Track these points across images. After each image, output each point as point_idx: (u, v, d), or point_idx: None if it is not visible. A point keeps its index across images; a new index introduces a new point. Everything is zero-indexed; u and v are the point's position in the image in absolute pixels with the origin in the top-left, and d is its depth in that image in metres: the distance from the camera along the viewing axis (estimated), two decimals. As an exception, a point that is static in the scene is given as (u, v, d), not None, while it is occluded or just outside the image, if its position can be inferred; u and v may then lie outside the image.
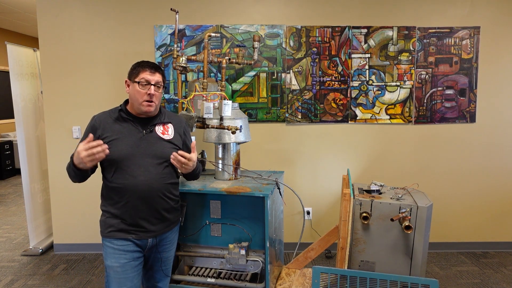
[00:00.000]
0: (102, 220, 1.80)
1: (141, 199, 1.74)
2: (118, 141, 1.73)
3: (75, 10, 3.34)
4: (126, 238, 1.76)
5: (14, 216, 4.79)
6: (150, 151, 1.77)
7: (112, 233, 1.76)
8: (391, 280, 1.92)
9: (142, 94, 1.73)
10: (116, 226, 1.75)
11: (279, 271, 2.75)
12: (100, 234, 1.82)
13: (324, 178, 3.51)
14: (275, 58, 3.38)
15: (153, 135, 1.80)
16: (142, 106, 1.75)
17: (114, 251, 1.75)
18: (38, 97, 3.71)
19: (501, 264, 3.30)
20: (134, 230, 1.77)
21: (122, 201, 1.74)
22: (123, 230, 1.76)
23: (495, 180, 3.52)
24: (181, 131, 1.93)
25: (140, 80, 1.73)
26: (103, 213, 1.81)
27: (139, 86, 1.73)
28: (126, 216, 1.75)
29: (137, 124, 1.79)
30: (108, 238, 1.76)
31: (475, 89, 3.42)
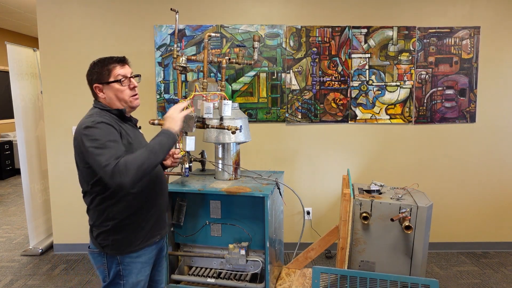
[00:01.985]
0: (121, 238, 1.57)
1: (163, 196, 1.71)
2: (133, 146, 1.57)
3: (75, 10, 3.34)
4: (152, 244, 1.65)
5: (14, 216, 4.79)
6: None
7: (142, 244, 1.61)
8: (391, 280, 1.92)
9: (126, 91, 1.60)
10: (145, 236, 1.62)
11: (279, 271, 2.75)
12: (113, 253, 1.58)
13: (324, 178, 3.51)
14: (275, 58, 3.38)
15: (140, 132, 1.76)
16: (131, 103, 1.62)
17: (142, 265, 1.62)
18: (38, 97, 3.71)
19: (501, 264, 3.30)
20: (157, 230, 1.68)
21: (152, 206, 1.63)
22: (151, 236, 1.64)
23: (495, 180, 3.51)
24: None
25: (116, 78, 1.58)
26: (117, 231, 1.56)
27: (119, 84, 1.58)
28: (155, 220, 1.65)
29: (131, 123, 1.70)
30: (137, 251, 1.60)
31: (475, 89, 3.42)
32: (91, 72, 1.64)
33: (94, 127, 1.46)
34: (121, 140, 1.50)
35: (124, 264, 1.59)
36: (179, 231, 2.53)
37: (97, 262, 1.61)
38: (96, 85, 1.62)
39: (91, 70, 1.64)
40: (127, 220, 1.57)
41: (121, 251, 1.57)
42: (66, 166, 3.44)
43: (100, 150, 1.41)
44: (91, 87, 1.65)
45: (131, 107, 1.64)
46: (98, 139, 1.43)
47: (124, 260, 1.58)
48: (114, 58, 1.63)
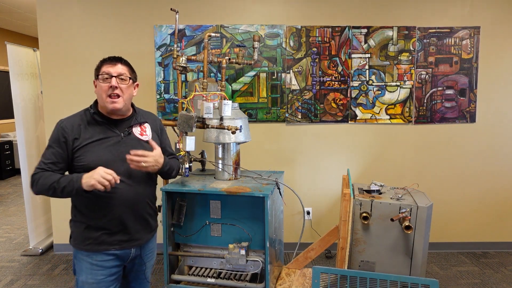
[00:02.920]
0: (77, 231, 1.63)
1: (129, 207, 1.63)
2: (95, 147, 1.58)
3: (75, 10, 3.34)
4: (107, 250, 1.61)
5: (14, 216, 4.79)
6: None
7: (91, 246, 1.60)
8: (391, 280, 1.92)
9: (104, 89, 1.58)
10: (97, 239, 1.60)
11: (279, 271, 2.75)
12: (71, 244, 1.66)
13: (324, 178, 3.51)
14: (275, 58, 3.38)
15: (131, 138, 1.67)
16: (106, 103, 1.59)
17: (92, 267, 1.61)
18: (38, 97, 3.71)
19: (501, 264, 3.30)
20: (118, 241, 1.63)
21: (106, 211, 1.59)
22: (105, 243, 1.61)
23: (495, 180, 3.52)
24: (157, 129, 1.81)
25: (101, 73, 1.59)
26: (76, 224, 1.64)
27: (100, 80, 1.59)
28: (111, 226, 1.61)
29: (113, 127, 1.64)
30: (86, 251, 1.61)
31: (475, 89, 3.42)
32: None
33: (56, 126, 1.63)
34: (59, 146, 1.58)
35: (77, 259, 1.65)
36: (179, 231, 2.53)
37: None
38: (94, 81, 1.66)
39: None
40: (83, 218, 1.62)
41: (74, 244, 1.64)
42: (66, 166, 3.44)
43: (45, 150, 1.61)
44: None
45: (108, 108, 1.61)
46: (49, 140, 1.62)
47: (77, 255, 1.65)
48: (111, 56, 1.67)
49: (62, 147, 1.58)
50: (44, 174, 1.55)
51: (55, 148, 1.58)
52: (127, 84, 1.64)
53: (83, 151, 1.57)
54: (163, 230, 2.44)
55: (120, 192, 1.60)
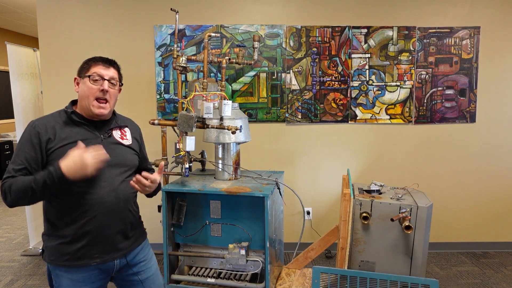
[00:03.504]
0: (53, 246, 1.47)
1: (108, 214, 1.48)
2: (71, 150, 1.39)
3: (75, 10, 3.34)
4: (88, 265, 1.48)
5: (14, 216, 4.79)
6: (112, 158, 1.49)
7: (69, 261, 1.46)
8: (391, 280, 1.92)
9: (93, 91, 1.48)
10: (75, 254, 1.45)
11: (279, 271, 2.75)
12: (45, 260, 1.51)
13: (324, 178, 3.51)
14: (275, 58, 3.38)
15: (111, 140, 1.55)
16: (92, 108, 1.48)
17: (73, 283, 1.47)
18: (38, 97, 3.71)
19: (501, 264, 3.30)
20: (98, 253, 1.49)
21: (83, 220, 1.45)
22: (83, 257, 1.46)
23: (495, 180, 3.52)
24: (137, 136, 1.71)
25: (91, 74, 1.49)
26: (50, 238, 1.49)
27: (90, 81, 1.48)
28: (88, 238, 1.46)
29: (92, 128, 1.53)
30: (65, 267, 1.47)
31: (475, 89, 3.42)
32: (81, 64, 1.58)
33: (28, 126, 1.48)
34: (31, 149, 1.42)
35: (54, 275, 1.51)
36: (179, 231, 2.53)
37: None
38: (75, 77, 1.56)
39: (82, 63, 1.58)
40: (53, 232, 1.48)
41: (50, 261, 1.49)
42: (66, 166, 3.44)
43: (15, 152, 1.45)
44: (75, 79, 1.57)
45: (94, 113, 1.50)
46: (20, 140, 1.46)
47: (54, 271, 1.51)
48: (103, 58, 1.57)
49: (35, 150, 1.42)
50: (15, 180, 1.37)
51: (27, 151, 1.42)
52: (116, 89, 1.56)
53: (58, 153, 1.41)
54: (163, 230, 2.44)
55: (99, 198, 1.46)
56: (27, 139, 1.44)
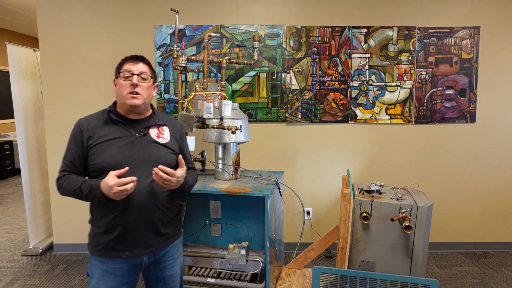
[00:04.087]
0: (91, 235, 1.61)
1: (137, 210, 1.55)
2: (108, 146, 1.55)
3: (75, 10, 3.34)
4: (118, 257, 1.56)
5: (14, 216, 4.79)
6: (145, 156, 1.57)
7: (102, 251, 1.56)
8: (391, 280, 1.92)
9: (125, 87, 1.56)
10: (107, 244, 1.55)
11: (279, 271, 2.75)
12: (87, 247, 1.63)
13: (324, 178, 3.51)
14: (275, 58, 3.38)
15: (147, 139, 1.61)
16: (126, 99, 1.56)
17: (103, 273, 1.56)
18: (38, 97, 3.71)
19: (501, 264, 3.30)
20: (127, 246, 1.56)
21: (113, 213, 1.54)
22: (115, 249, 1.55)
23: (495, 180, 3.51)
24: (177, 135, 1.74)
25: (122, 71, 1.59)
26: (92, 227, 1.63)
27: (121, 78, 1.58)
28: (118, 230, 1.54)
29: (129, 127, 1.60)
30: (98, 256, 1.58)
31: (475, 89, 3.42)
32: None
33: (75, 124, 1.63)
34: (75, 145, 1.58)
35: (91, 263, 1.62)
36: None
37: None
38: (114, 79, 1.65)
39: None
40: (94, 221, 1.61)
41: (89, 248, 1.62)
42: (66, 166, 3.44)
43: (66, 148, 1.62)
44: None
45: (127, 104, 1.58)
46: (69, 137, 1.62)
47: (91, 259, 1.61)
48: (133, 55, 1.65)
49: (78, 146, 1.57)
50: (68, 178, 1.56)
51: (73, 147, 1.58)
52: (147, 83, 1.61)
53: (96, 150, 1.55)
54: (163, 230, 2.44)
55: (129, 196, 1.51)
56: (73, 136, 1.60)
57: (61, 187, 1.57)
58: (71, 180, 1.54)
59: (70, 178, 1.55)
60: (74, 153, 1.58)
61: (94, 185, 1.48)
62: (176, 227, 1.74)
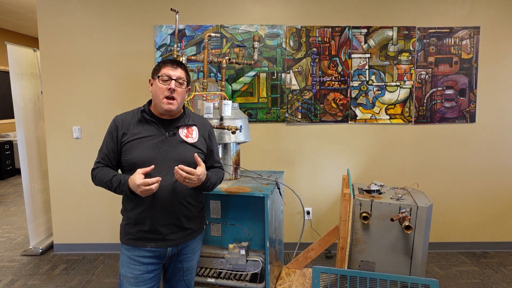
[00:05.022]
0: (122, 225, 1.73)
1: (162, 206, 1.64)
2: (139, 144, 1.65)
3: (75, 10, 3.34)
4: (144, 247, 1.67)
5: (14, 216, 4.79)
6: (173, 154, 1.66)
7: (130, 241, 1.68)
8: (391, 280, 1.92)
9: (163, 90, 1.64)
10: (135, 234, 1.67)
11: (279, 271, 2.75)
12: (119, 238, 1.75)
13: (324, 178, 3.51)
14: (275, 58, 3.38)
15: (176, 138, 1.70)
16: (162, 104, 1.64)
17: (130, 261, 1.68)
18: (38, 97, 3.71)
19: (501, 264, 3.30)
20: (153, 238, 1.67)
21: (141, 207, 1.64)
22: (141, 239, 1.67)
23: (495, 180, 3.52)
24: (205, 134, 1.81)
25: (161, 74, 1.65)
26: (123, 217, 1.74)
27: (159, 81, 1.65)
28: (145, 222, 1.65)
29: (160, 126, 1.69)
30: (126, 245, 1.70)
31: (475, 89, 3.42)
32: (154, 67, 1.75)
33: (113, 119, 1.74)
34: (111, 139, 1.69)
35: (121, 251, 1.73)
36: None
37: None
38: (150, 79, 1.73)
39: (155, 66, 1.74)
40: (127, 213, 1.71)
41: (120, 238, 1.73)
42: (66, 166, 3.45)
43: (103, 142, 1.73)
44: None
45: (163, 108, 1.66)
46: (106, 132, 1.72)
47: (122, 247, 1.72)
48: (172, 59, 1.72)
49: (113, 140, 1.68)
50: (101, 170, 1.67)
51: (108, 141, 1.69)
52: (183, 88, 1.70)
53: (128, 146, 1.65)
54: (163, 230, 2.44)
55: (156, 192, 1.59)
56: (109, 131, 1.71)
57: (95, 178, 1.69)
58: (103, 173, 1.66)
59: (103, 170, 1.67)
60: (109, 147, 1.68)
61: (122, 180, 1.60)
62: (199, 222, 1.82)
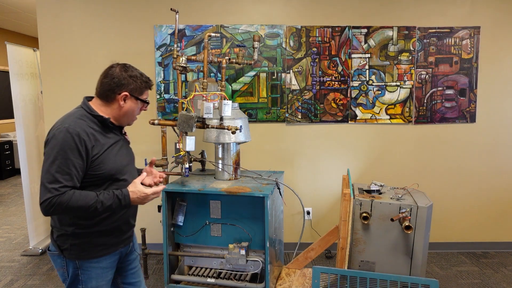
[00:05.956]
0: (82, 242, 1.54)
1: (133, 207, 1.68)
2: (109, 153, 1.54)
3: (75, 10, 3.34)
4: (116, 251, 1.64)
5: (14, 216, 4.79)
6: (131, 157, 1.72)
7: (102, 251, 1.59)
8: (391, 280, 1.92)
9: (138, 111, 1.66)
10: (107, 243, 1.60)
11: (279, 271, 2.75)
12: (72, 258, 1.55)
13: (324, 178, 3.51)
14: (275, 58, 3.38)
15: (125, 140, 1.72)
16: (132, 122, 1.68)
17: (103, 270, 1.61)
18: (38, 97, 3.71)
19: (501, 264, 3.30)
20: (125, 238, 1.68)
21: (117, 214, 1.59)
22: (114, 244, 1.63)
23: (495, 180, 3.51)
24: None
25: (145, 100, 1.65)
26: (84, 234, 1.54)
27: (141, 104, 1.64)
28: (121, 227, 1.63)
29: (118, 132, 1.66)
30: (99, 257, 1.59)
31: (475, 89, 3.42)
32: (127, 78, 1.58)
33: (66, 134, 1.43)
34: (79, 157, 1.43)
35: (83, 269, 1.57)
36: (179, 231, 2.53)
37: (57, 264, 1.60)
38: (126, 94, 1.57)
39: (129, 77, 1.59)
40: (88, 227, 1.54)
41: (79, 257, 1.55)
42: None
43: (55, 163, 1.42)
44: (116, 91, 1.56)
45: (129, 124, 1.69)
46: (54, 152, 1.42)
47: (83, 265, 1.57)
48: (149, 81, 1.67)
49: (82, 158, 1.44)
50: (75, 193, 1.42)
51: (74, 159, 1.42)
52: None
53: (101, 159, 1.50)
54: (163, 230, 2.44)
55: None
56: (73, 147, 1.42)
57: (66, 205, 1.40)
58: (82, 195, 1.43)
59: (77, 193, 1.43)
60: (78, 166, 1.44)
61: (121, 195, 1.51)
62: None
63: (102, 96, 1.58)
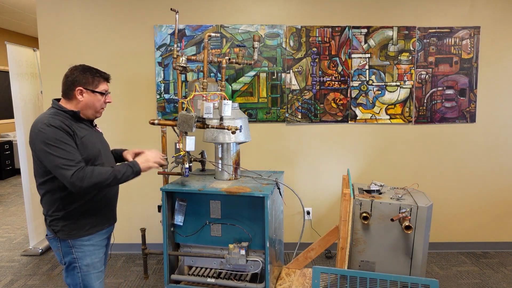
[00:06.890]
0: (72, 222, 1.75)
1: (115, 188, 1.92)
2: (86, 141, 1.76)
3: (75, 10, 3.34)
4: (101, 230, 1.85)
5: (14, 216, 4.79)
6: (105, 144, 1.93)
7: (90, 230, 1.80)
8: (391, 280, 1.92)
9: (101, 103, 1.83)
10: (93, 222, 1.81)
11: (279, 271, 2.75)
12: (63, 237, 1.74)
13: (324, 178, 3.51)
14: (275, 58, 3.38)
15: (97, 131, 1.92)
16: (98, 114, 1.84)
17: (94, 248, 1.81)
18: (38, 97, 3.71)
19: (501, 264, 3.30)
20: (109, 218, 1.90)
21: (100, 195, 1.82)
22: (100, 224, 1.84)
23: (495, 180, 3.52)
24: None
25: (102, 91, 1.81)
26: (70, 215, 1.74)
27: (100, 96, 1.81)
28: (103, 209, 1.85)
29: (88, 124, 1.86)
30: (87, 236, 1.79)
31: (475, 89, 3.42)
32: (79, 75, 1.78)
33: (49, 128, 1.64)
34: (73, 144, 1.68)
35: (76, 247, 1.77)
36: (179, 231, 2.53)
37: (53, 246, 1.81)
38: (80, 88, 1.77)
39: (80, 74, 1.79)
40: (76, 209, 1.76)
41: (71, 235, 1.76)
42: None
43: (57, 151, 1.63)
44: (72, 88, 1.78)
45: (97, 116, 1.86)
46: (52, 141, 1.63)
47: (75, 244, 1.77)
48: (103, 74, 1.84)
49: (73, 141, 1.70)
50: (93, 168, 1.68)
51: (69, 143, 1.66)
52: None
53: (81, 146, 1.73)
54: (163, 230, 2.44)
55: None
56: (65, 138, 1.66)
57: (91, 175, 1.64)
58: (99, 168, 1.70)
59: (95, 167, 1.70)
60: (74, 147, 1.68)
61: (131, 164, 1.77)
62: None
63: (64, 95, 1.81)
